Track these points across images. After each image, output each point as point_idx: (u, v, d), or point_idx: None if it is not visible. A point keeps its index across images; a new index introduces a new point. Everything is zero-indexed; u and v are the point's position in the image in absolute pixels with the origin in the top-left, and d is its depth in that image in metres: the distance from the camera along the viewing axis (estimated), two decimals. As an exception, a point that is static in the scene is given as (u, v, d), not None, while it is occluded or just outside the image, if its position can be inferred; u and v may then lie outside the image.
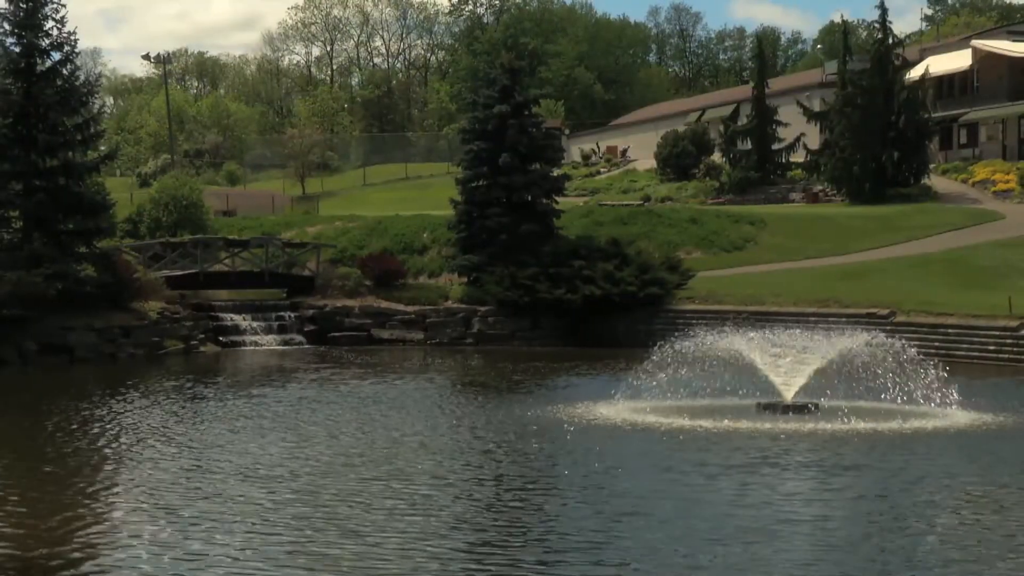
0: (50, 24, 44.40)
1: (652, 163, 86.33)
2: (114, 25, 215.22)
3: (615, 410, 27.58)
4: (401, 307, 47.90)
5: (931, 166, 71.26)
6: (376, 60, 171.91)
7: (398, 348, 45.78)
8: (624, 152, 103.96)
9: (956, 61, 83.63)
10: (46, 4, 44.23)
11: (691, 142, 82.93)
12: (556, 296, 46.28)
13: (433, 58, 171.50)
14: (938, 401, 26.75)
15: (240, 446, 23.84)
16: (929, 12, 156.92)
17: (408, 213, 60.27)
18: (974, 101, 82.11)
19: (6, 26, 44.19)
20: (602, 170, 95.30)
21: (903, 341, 28.63)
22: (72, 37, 45.02)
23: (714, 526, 16.75)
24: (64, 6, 44.63)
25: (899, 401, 26.86)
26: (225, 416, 28.15)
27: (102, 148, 51.27)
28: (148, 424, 27.03)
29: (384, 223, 57.49)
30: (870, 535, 16.31)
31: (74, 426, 27.02)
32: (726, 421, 25.62)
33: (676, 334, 29.93)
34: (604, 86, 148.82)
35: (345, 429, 25.90)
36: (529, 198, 49.42)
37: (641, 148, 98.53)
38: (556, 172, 52.01)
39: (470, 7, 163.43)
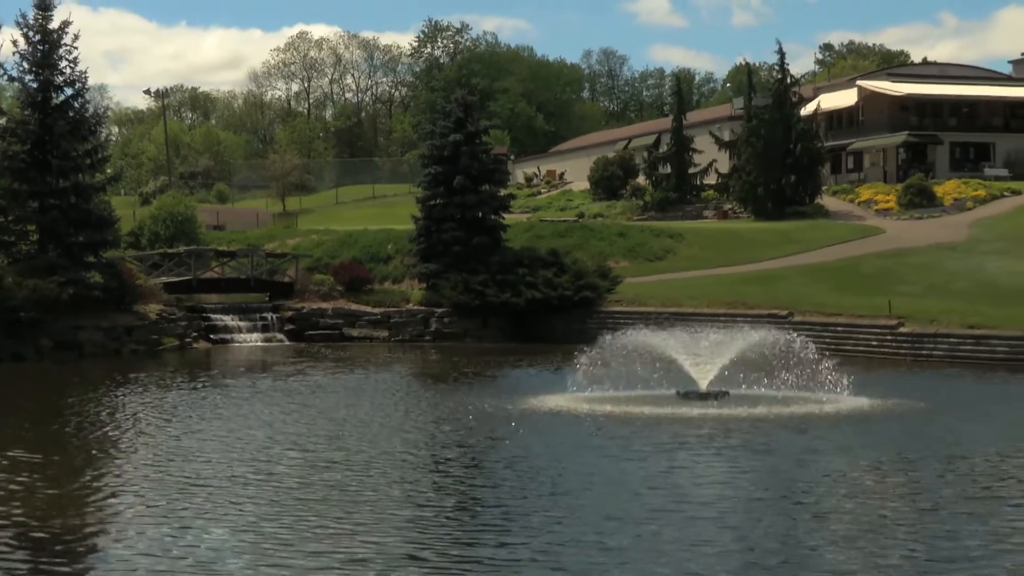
0: (64, 63, 44.27)
1: (586, 185, 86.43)
2: (117, 64, 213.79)
3: (551, 398, 27.46)
4: (369, 309, 47.79)
5: (823, 188, 71.72)
6: (347, 95, 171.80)
7: (366, 344, 45.65)
8: (562, 175, 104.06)
9: (844, 98, 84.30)
10: (60, 46, 44.07)
11: (619, 167, 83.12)
12: (503, 299, 46.31)
13: (397, 93, 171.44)
14: (829, 390, 26.88)
15: (220, 424, 23.90)
16: (821, 56, 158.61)
17: (375, 228, 60.04)
18: (859, 132, 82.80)
19: (25, 65, 44.06)
20: (542, 191, 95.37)
21: (800, 337, 28.79)
22: (83, 75, 44.96)
23: (626, 505, 16.34)
24: (76, 48, 44.50)
25: (797, 389, 26.88)
26: (208, 403, 28.07)
27: (108, 171, 50.76)
28: (145, 407, 27.06)
29: (354, 236, 57.26)
30: (769, 513, 16.13)
31: (85, 410, 26.96)
32: (649, 408, 25.53)
33: (606, 332, 29.99)
34: (544, 118, 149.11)
35: (317, 409, 25.82)
36: (480, 215, 49.41)
37: (576, 172, 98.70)
38: (503, 192, 52.02)
39: (428, 50, 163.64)
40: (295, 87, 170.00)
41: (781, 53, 71.63)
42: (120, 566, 13.52)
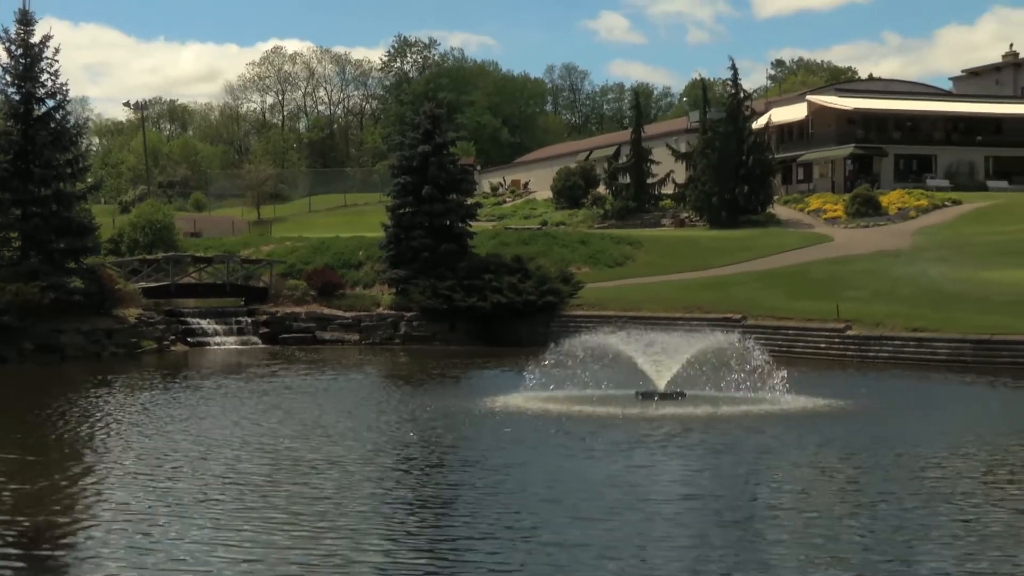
0: (45, 76, 43.96)
1: (549, 194, 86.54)
2: (97, 78, 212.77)
3: (514, 398, 27.41)
4: (340, 313, 47.63)
5: (775, 198, 72.07)
6: (320, 108, 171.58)
7: (338, 347, 45.45)
8: (526, 185, 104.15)
9: (794, 112, 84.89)
10: (42, 59, 43.80)
11: (581, 177, 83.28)
12: (469, 304, 46.25)
13: (367, 106, 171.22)
14: (780, 390, 26.96)
15: (192, 423, 23.74)
16: (772, 72, 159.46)
17: (346, 235, 59.88)
18: (809, 145, 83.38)
19: (8, 78, 43.79)
20: (507, 200, 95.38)
21: (753, 341, 28.89)
22: (64, 87, 44.67)
23: (585, 503, 16.11)
24: (57, 61, 44.25)
25: (750, 389, 26.96)
26: (183, 403, 27.89)
27: (89, 180, 50.48)
28: (122, 408, 26.77)
29: (326, 243, 57.09)
30: (724, 509, 16.08)
31: (64, 410, 26.67)
32: (608, 408, 25.49)
33: (568, 335, 30.01)
34: (509, 130, 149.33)
35: (287, 409, 25.64)
36: (447, 223, 49.31)
37: (540, 182, 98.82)
38: (469, 201, 51.92)
39: (398, 65, 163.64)
40: (270, 100, 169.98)
41: (734, 69, 72.00)
42: (91, 563, 13.38)
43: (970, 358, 35.53)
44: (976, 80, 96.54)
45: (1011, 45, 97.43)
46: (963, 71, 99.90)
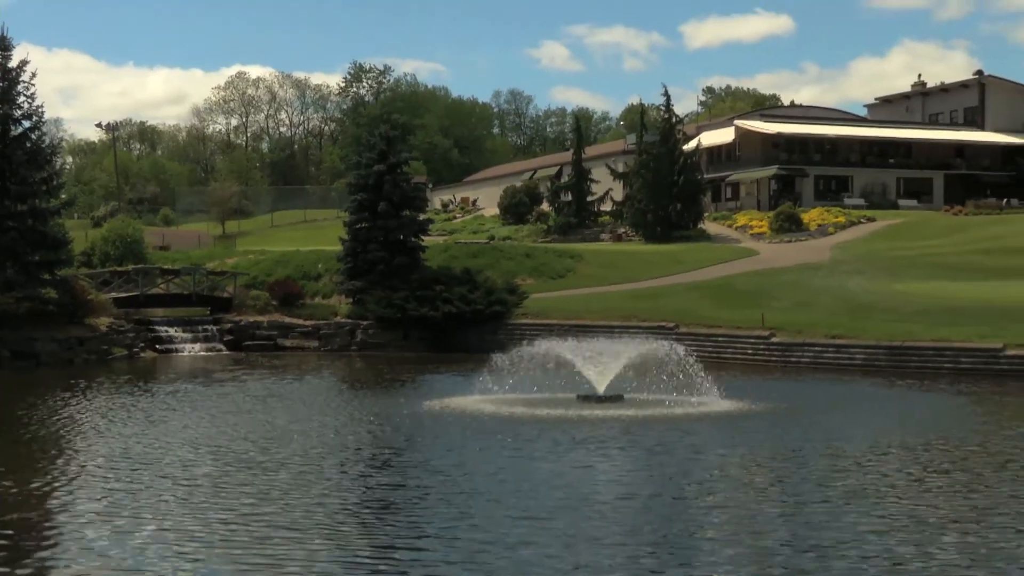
0: (22, 99, 43.51)
1: (496, 211, 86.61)
2: (69, 100, 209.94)
3: (462, 401, 27.23)
4: (301, 322, 47.36)
5: (705, 215, 72.58)
6: (282, 129, 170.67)
7: (298, 354, 45.14)
8: (474, 202, 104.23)
9: (723, 136, 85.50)
10: (18, 83, 43.31)
11: (526, 195, 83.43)
12: (422, 313, 46.13)
13: (326, 128, 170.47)
14: (710, 393, 27.02)
15: (154, 426, 23.22)
16: (703, 98, 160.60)
17: (306, 249, 59.57)
18: (736, 166, 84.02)
19: (-16, 100, 43.18)
20: (457, 216, 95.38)
21: (684, 347, 28.96)
22: (39, 109, 44.22)
23: (526, 502, 15.74)
24: (33, 84, 43.74)
25: (683, 393, 26.92)
26: (148, 406, 27.45)
27: (63, 196, 49.72)
28: (92, 411, 26.25)
29: (287, 256, 56.76)
30: (659, 507, 16.00)
31: (37, 413, 26.26)
32: (551, 410, 25.34)
33: (514, 342, 29.97)
34: (459, 151, 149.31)
35: (248, 411, 25.29)
36: (401, 237, 49.21)
37: (487, 199, 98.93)
38: (422, 217, 51.81)
39: (355, 89, 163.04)
40: (234, 121, 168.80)
41: (667, 96, 72.55)
42: (53, 562, 13.04)
43: (883, 363, 35.90)
44: (888, 107, 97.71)
45: (919, 75, 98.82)
46: (876, 99, 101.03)
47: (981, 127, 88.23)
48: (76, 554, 13.21)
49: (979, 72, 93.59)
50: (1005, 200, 79.82)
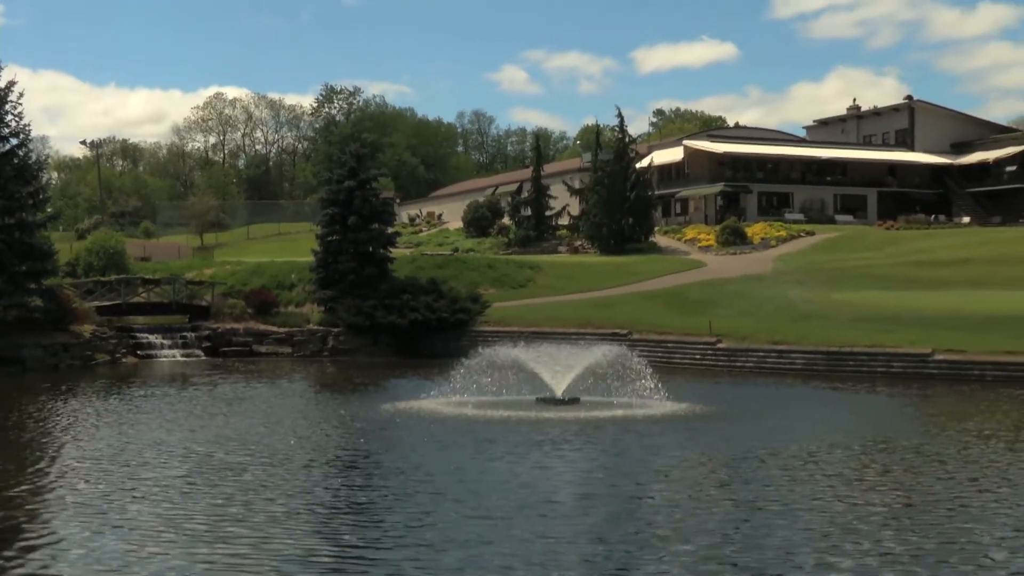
0: (10, 117, 42.87)
1: (460, 224, 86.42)
2: (54, 119, 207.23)
3: (426, 403, 27.03)
4: (275, 329, 46.98)
5: (656, 228, 72.84)
6: (257, 147, 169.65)
7: (273, 359, 44.74)
8: (439, 216, 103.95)
9: (673, 155, 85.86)
10: (7, 103, 42.72)
11: (488, 209, 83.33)
12: (390, 321, 45.92)
13: (299, 146, 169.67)
14: (660, 396, 27.05)
15: (143, 429, 22.87)
16: (654, 120, 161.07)
17: (280, 260, 59.15)
18: (685, 183, 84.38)
19: (-26, 120, 42.67)
20: (423, 229, 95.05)
21: (637, 353, 29.00)
22: (26, 127, 43.60)
23: (485, 501, 15.51)
24: (21, 104, 43.17)
25: (635, 396, 26.97)
26: (133, 409, 27.03)
27: (48, 210, 49.00)
28: (75, 413, 25.80)
29: (262, 267, 56.32)
30: (612, 504, 15.87)
31: (24, 416, 25.79)
32: (511, 412, 25.23)
33: (477, 348, 29.87)
34: (425, 168, 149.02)
35: (223, 413, 24.95)
36: (370, 249, 48.96)
37: (452, 213, 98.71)
38: (390, 230, 51.58)
39: (326, 110, 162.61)
40: (212, 139, 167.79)
41: (621, 117, 72.72)
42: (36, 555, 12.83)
43: (822, 367, 36.11)
44: (825, 129, 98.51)
45: (854, 99, 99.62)
46: (814, 121, 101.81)
47: (911, 148, 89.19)
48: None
49: (909, 97, 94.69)
50: (933, 216, 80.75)
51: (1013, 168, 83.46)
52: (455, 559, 12.54)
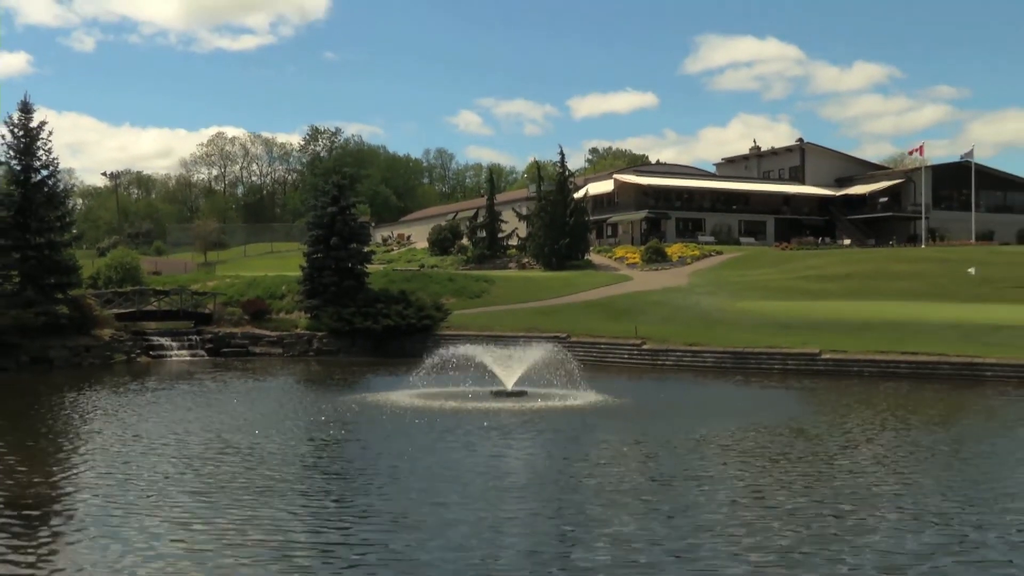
0: (40, 152, 42.27)
1: (425, 244, 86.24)
2: (76, 154, 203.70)
3: (394, 395, 26.81)
4: (268, 333, 46.51)
5: (591, 248, 73.09)
6: (253, 178, 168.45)
7: (266, 358, 44.17)
8: (408, 237, 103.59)
9: (605, 186, 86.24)
10: (38, 139, 42.18)
11: (449, 232, 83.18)
12: (366, 326, 45.66)
13: (289, 177, 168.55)
14: (594, 389, 27.13)
15: (157, 418, 22.53)
16: (588, 156, 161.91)
17: (273, 274, 58.56)
18: (615, 210, 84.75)
19: (12, 152, 42.16)
20: (394, 248, 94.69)
21: (574, 353, 29.02)
22: (55, 160, 42.93)
23: (441, 485, 14.96)
24: (50, 140, 42.63)
25: (571, 388, 26.93)
26: (150, 401, 26.50)
27: (73, 231, 48.45)
28: (100, 404, 25.38)
29: (257, 280, 55.71)
30: (559, 487, 15.68)
31: (56, 405, 25.33)
32: (468, 403, 25.16)
33: (440, 349, 29.81)
34: (396, 196, 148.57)
35: (222, 405, 24.54)
36: (349, 265, 48.66)
37: (419, 235, 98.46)
38: (366, 249, 51.17)
39: (312, 147, 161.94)
40: (215, 171, 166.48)
41: (562, 155, 72.99)
42: (59, 539, 12.54)
43: (729, 365, 36.39)
44: (731, 165, 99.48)
45: (754, 140, 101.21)
46: (722, 159, 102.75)
47: (802, 182, 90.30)
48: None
49: (800, 139, 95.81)
50: (820, 239, 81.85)
51: (885, 199, 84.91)
52: (413, 541, 12.27)
